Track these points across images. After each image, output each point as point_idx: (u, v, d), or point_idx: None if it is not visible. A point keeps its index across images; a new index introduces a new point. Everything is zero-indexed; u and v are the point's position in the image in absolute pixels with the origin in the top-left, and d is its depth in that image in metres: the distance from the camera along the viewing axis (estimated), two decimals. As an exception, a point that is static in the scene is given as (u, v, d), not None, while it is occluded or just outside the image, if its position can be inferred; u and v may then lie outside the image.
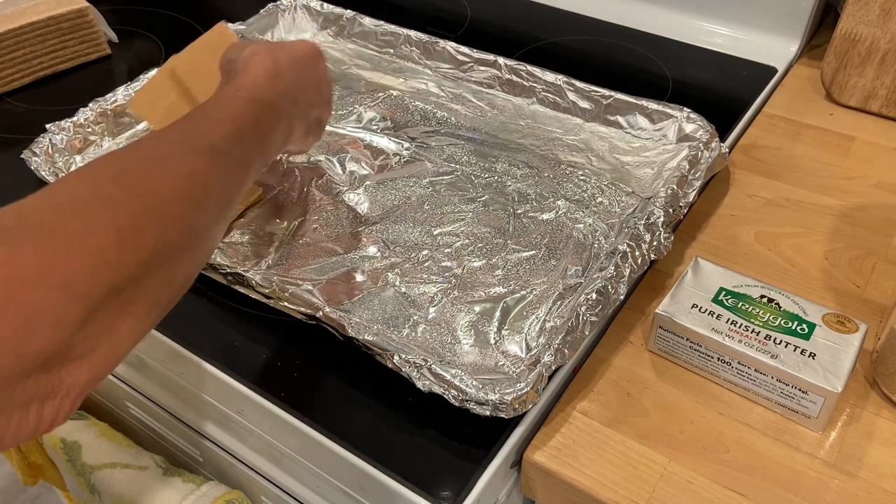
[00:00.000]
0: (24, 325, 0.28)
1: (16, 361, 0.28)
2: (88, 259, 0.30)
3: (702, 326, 0.47)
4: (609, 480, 0.43)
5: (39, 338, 0.29)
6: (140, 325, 0.34)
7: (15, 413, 0.29)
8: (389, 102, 0.71)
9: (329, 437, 0.45)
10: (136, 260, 0.32)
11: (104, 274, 0.31)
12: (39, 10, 0.77)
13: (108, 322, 0.31)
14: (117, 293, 0.31)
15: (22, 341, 0.28)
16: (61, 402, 0.31)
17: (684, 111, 0.64)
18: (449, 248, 0.56)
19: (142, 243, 0.32)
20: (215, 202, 0.38)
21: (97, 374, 0.32)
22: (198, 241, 0.37)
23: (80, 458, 0.57)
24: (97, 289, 0.30)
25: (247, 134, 0.42)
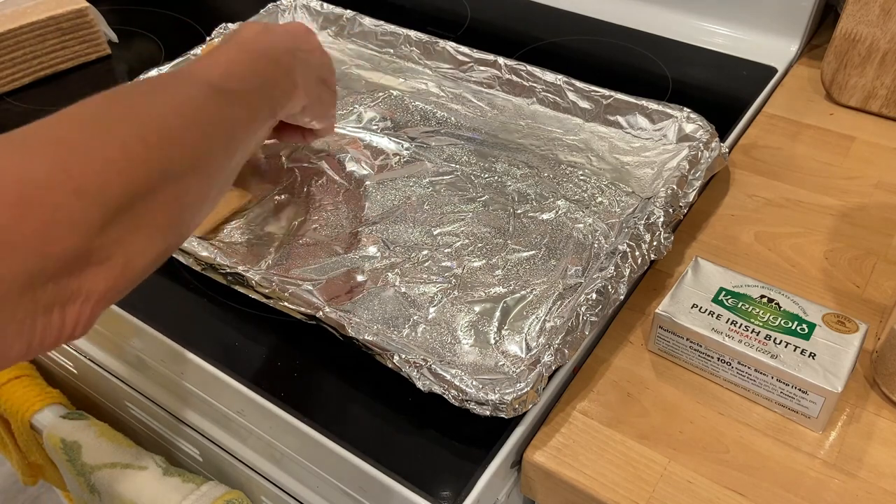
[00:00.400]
0: (45, 226, 0.29)
1: (39, 261, 0.29)
2: (100, 167, 0.32)
3: (702, 326, 0.47)
4: (609, 480, 0.43)
5: (60, 239, 0.30)
6: (155, 242, 0.35)
7: (39, 316, 0.30)
8: (389, 102, 0.71)
9: (329, 437, 0.45)
10: (144, 173, 0.33)
11: (116, 183, 0.32)
12: (39, 10, 0.77)
13: (124, 232, 0.32)
14: (130, 205, 0.32)
15: (44, 241, 0.29)
16: (81, 308, 0.32)
17: (684, 111, 0.64)
18: (449, 248, 0.56)
19: (149, 157, 0.34)
20: (218, 132, 0.39)
21: (114, 284, 0.33)
22: (205, 167, 0.38)
23: (80, 458, 0.57)
24: (111, 197, 0.32)
25: (244, 75, 0.44)
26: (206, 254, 0.53)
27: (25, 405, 0.64)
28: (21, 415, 0.64)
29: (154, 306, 0.54)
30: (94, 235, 0.31)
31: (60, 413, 0.63)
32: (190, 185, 0.37)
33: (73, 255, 0.30)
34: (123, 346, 0.57)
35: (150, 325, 0.52)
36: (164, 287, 0.55)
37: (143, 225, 0.34)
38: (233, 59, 0.44)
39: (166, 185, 0.35)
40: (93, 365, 0.62)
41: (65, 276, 0.30)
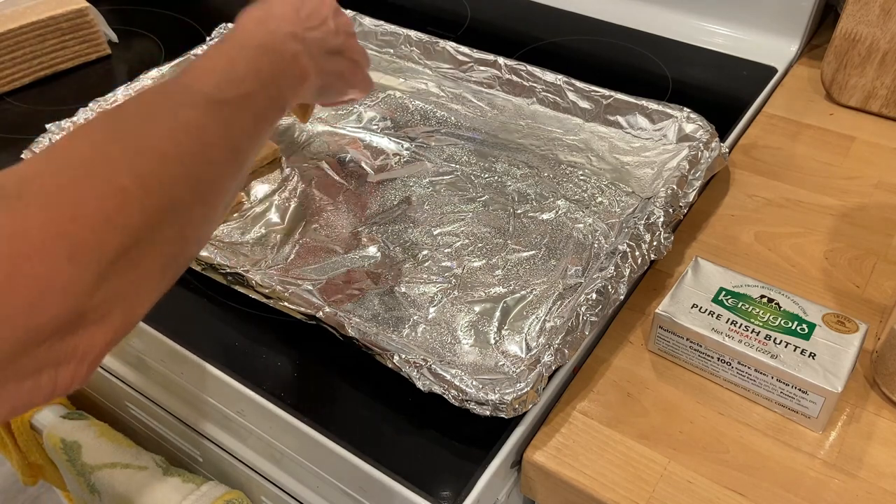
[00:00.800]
0: (33, 299, 0.27)
1: (25, 334, 0.27)
2: (96, 223, 0.29)
3: (702, 326, 0.47)
4: (609, 480, 0.43)
5: (49, 309, 0.28)
6: (155, 285, 0.33)
7: (28, 380, 0.28)
8: (389, 102, 0.71)
9: (329, 437, 0.45)
10: (143, 220, 0.31)
11: (112, 237, 0.30)
12: (39, 10, 0.77)
13: (122, 285, 0.31)
14: (126, 254, 0.30)
15: (31, 314, 0.27)
16: (77, 368, 0.30)
17: (684, 111, 0.64)
18: (449, 248, 0.56)
19: (148, 202, 0.31)
20: (221, 154, 0.37)
21: (114, 338, 0.31)
22: (207, 195, 0.36)
23: (80, 458, 0.57)
24: (106, 253, 0.30)
25: (244, 77, 0.40)
26: (206, 254, 0.53)
27: (25, 405, 0.64)
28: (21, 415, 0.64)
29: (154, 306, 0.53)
30: (88, 297, 0.29)
31: (60, 413, 0.63)
32: (194, 216, 0.34)
33: (64, 321, 0.29)
34: (123, 346, 0.57)
35: (150, 325, 0.52)
36: (164, 287, 0.55)
37: (143, 272, 0.32)
38: (230, 61, 0.41)
39: (167, 225, 0.32)
40: (93, 365, 0.62)
41: (56, 340, 0.29)
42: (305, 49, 0.46)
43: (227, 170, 0.37)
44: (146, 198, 0.31)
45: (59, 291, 0.28)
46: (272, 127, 0.43)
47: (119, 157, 0.32)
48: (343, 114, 0.70)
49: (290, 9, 0.47)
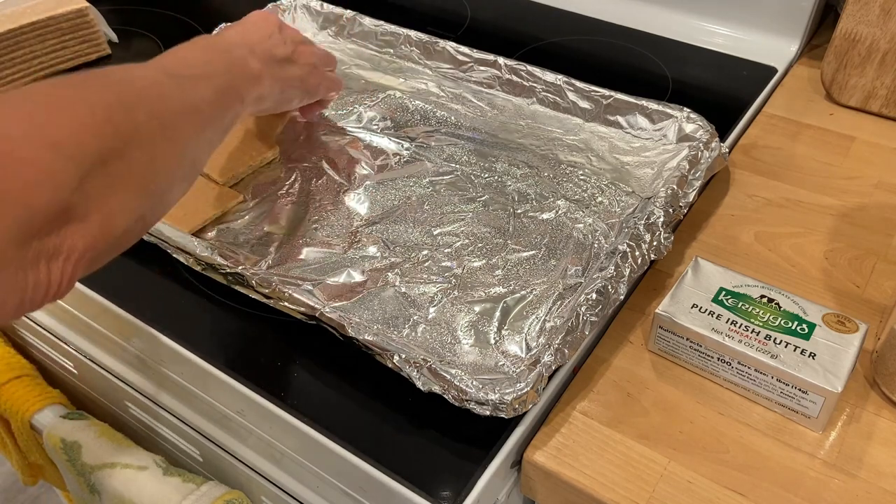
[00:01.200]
0: (27, 181, 0.31)
1: (26, 215, 0.31)
2: (71, 125, 0.34)
3: (702, 326, 0.47)
4: (609, 480, 0.43)
5: (42, 193, 0.31)
6: (130, 202, 0.37)
7: (29, 271, 0.32)
8: (389, 102, 0.71)
9: (329, 437, 0.45)
10: (113, 134, 0.35)
11: (87, 140, 0.34)
12: (39, 10, 0.77)
13: (100, 189, 0.34)
14: (103, 163, 0.34)
15: (27, 195, 0.31)
16: (64, 265, 0.33)
17: (684, 111, 0.64)
18: (449, 248, 0.56)
19: (115, 120, 0.36)
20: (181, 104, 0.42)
21: (93, 243, 0.34)
22: (172, 134, 0.40)
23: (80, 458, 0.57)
24: (84, 154, 0.33)
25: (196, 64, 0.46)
26: (206, 254, 0.53)
27: (25, 405, 0.64)
28: (21, 415, 0.64)
29: (154, 306, 0.54)
30: (72, 190, 0.33)
31: (60, 413, 0.63)
32: (159, 150, 0.39)
33: (55, 210, 0.32)
34: (123, 346, 0.57)
35: (150, 325, 0.52)
36: (164, 287, 0.55)
37: (118, 184, 0.35)
38: (185, 53, 0.47)
39: (136, 147, 0.37)
40: (93, 365, 0.62)
41: (48, 232, 0.32)
42: (255, 56, 0.52)
43: (186, 123, 0.42)
44: (113, 115, 0.36)
45: (48, 178, 0.32)
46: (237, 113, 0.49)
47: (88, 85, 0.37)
48: (343, 114, 0.70)
49: (236, 32, 0.54)
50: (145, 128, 0.38)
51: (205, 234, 0.58)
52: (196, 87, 0.44)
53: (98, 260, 0.36)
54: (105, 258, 0.37)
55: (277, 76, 0.54)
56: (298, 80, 0.58)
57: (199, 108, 0.43)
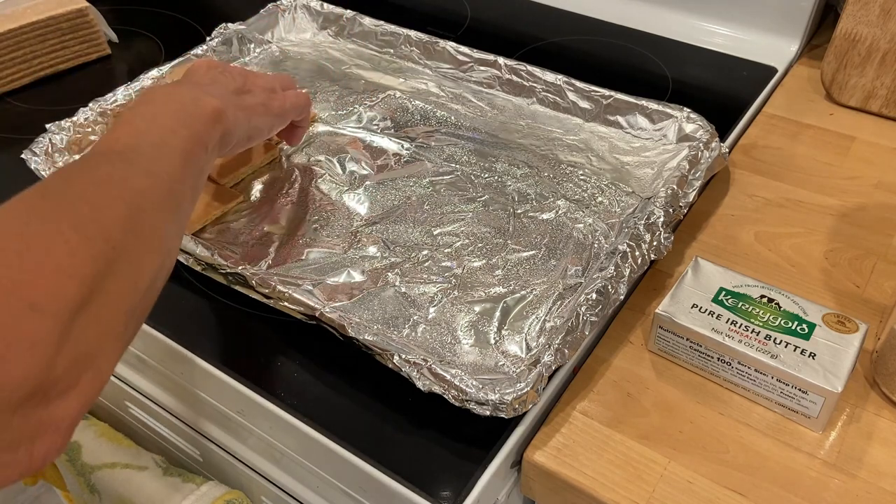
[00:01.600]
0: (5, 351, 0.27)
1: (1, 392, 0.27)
2: (50, 273, 0.30)
3: (702, 326, 0.47)
4: (609, 480, 0.43)
5: (19, 364, 0.28)
6: (118, 340, 0.34)
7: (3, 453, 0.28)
8: (389, 102, 0.71)
9: (329, 437, 0.45)
10: (93, 268, 0.32)
11: (68, 286, 0.30)
12: (39, 10, 0.77)
13: (87, 343, 0.31)
14: (86, 307, 0.31)
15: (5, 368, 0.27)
16: (52, 439, 0.30)
17: (684, 111, 0.64)
18: (449, 248, 0.56)
19: (93, 250, 0.32)
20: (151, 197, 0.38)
21: (86, 402, 0.31)
22: (151, 240, 0.37)
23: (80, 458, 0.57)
24: (66, 303, 0.30)
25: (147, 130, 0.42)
26: (206, 254, 0.53)
27: (25, 405, 0.64)
28: None
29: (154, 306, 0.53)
30: (56, 353, 0.29)
31: (60, 413, 0.63)
32: (143, 264, 0.36)
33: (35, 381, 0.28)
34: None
35: (150, 325, 0.52)
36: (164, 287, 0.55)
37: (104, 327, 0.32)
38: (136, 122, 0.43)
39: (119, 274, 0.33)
40: (93, 365, 0.62)
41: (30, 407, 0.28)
42: (209, 94, 0.47)
43: (162, 213, 0.38)
44: (90, 245, 0.32)
45: (27, 344, 0.28)
46: (202, 167, 0.45)
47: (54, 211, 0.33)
48: (343, 114, 0.70)
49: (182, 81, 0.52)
50: (124, 245, 0.34)
51: (205, 234, 0.58)
52: (160, 163, 0.40)
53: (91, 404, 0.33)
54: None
55: (238, 106, 0.50)
56: (261, 105, 0.53)
57: (172, 190, 0.40)
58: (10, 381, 0.27)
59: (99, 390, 0.33)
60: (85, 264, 0.32)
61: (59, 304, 0.30)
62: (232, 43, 0.78)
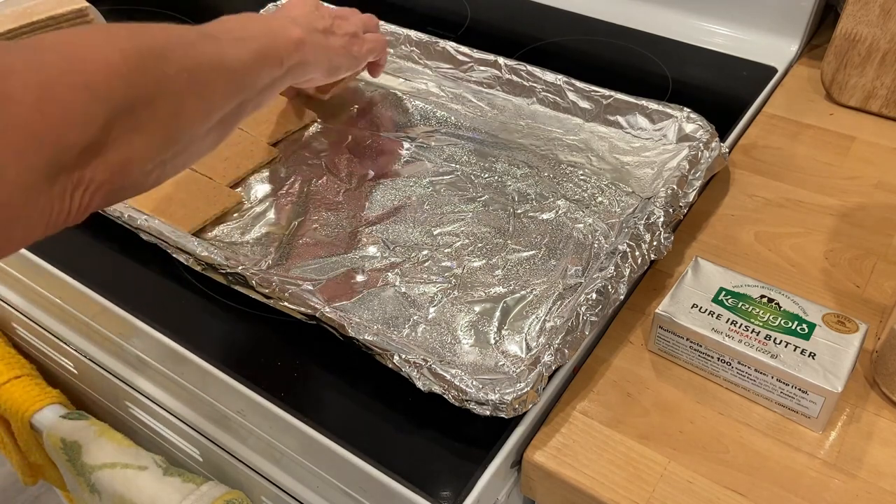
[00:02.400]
0: (62, 120, 0.33)
1: (59, 152, 0.33)
2: (103, 68, 0.35)
3: (702, 326, 0.47)
4: (609, 480, 0.43)
5: (74, 132, 0.33)
6: (151, 147, 0.38)
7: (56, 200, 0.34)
8: (389, 102, 0.71)
9: (329, 437, 0.45)
10: (142, 80, 0.37)
11: (117, 84, 0.35)
12: (39, 10, 0.77)
13: (125, 132, 0.36)
14: (131, 108, 0.36)
15: (62, 133, 0.33)
16: (84, 195, 0.35)
17: (684, 111, 0.64)
18: (449, 248, 0.56)
19: (145, 66, 0.37)
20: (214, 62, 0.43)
21: (111, 178, 0.36)
22: (202, 90, 0.41)
23: (80, 458, 0.57)
24: (114, 97, 0.35)
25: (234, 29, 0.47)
26: (206, 254, 0.53)
27: (25, 405, 0.64)
28: (21, 415, 0.64)
29: (154, 306, 0.54)
30: (99, 129, 0.35)
31: (60, 413, 0.63)
32: (186, 103, 0.40)
33: (82, 147, 0.34)
34: (123, 346, 0.57)
35: (150, 325, 0.52)
36: (164, 287, 0.55)
37: (142, 128, 0.37)
38: (225, 20, 0.48)
39: (163, 97, 0.38)
40: (93, 365, 0.62)
41: (74, 167, 0.34)
42: (296, 24, 0.53)
43: (219, 81, 0.43)
44: (143, 63, 0.37)
45: (80, 118, 0.34)
46: (275, 80, 0.50)
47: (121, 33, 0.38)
48: (343, 114, 0.70)
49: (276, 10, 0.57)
50: (174, 80, 0.39)
51: (205, 234, 0.58)
52: (232, 48, 0.45)
53: (116, 195, 0.38)
54: (123, 195, 0.39)
55: (320, 44, 0.56)
56: (342, 48, 0.59)
57: (233, 68, 0.44)
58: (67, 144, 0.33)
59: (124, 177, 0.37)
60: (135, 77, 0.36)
61: (108, 93, 0.35)
62: (232, 43, 0.78)
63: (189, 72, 0.40)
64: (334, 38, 0.58)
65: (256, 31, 0.48)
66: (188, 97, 0.40)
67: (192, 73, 0.40)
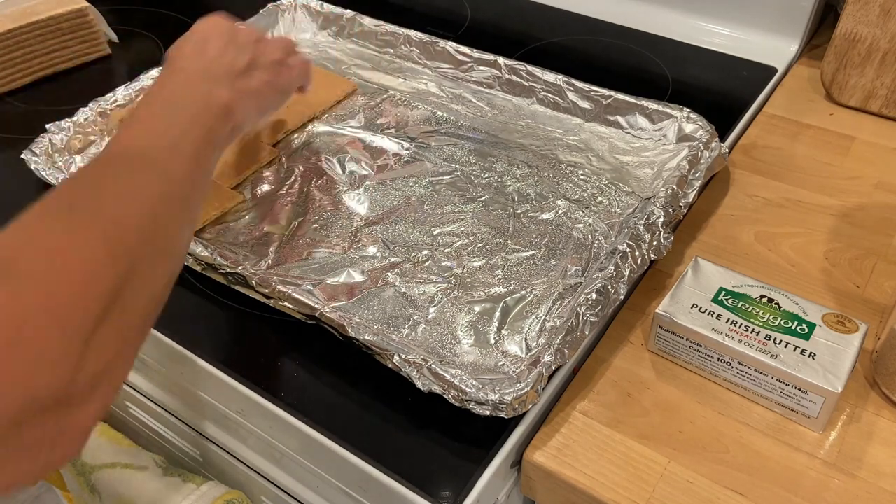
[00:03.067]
0: (31, 365, 0.29)
1: (25, 402, 0.28)
2: (77, 291, 0.31)
3: (702, 326, 0.47)
4: (609, 480, 0.43)
5: (43, 378, 0.29)
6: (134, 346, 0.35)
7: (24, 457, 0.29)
8: (389, 102, 0.71)
9: (329, 437, 0.45)
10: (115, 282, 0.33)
11: (92, 304, 0.32)
12: (39, 10, 0.77)
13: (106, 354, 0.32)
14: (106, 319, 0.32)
15: (30, 381, 0.29)
16: (70, 444, 0.31)
17: (684, 111, 0.64)
18: (449, 248, 0.56)
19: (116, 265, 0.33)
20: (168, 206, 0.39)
21: (103, 408, 0.33)
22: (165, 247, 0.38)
23: (80, 458, 0.57)
24: (89, 320, 0.31)
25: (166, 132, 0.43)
26: (206, 254, 0.53)
27: (25, 405, 0.64)
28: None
29: (154, 306, 0.53)
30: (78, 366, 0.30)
31: (60, 413, 0.63)
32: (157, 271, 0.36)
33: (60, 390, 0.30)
34: (123, 346, 0.56)
35: (150, 325, 0.52)
36: (164, 287, 0.55)
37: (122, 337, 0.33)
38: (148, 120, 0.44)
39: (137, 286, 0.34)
40: (93, 365, 0.62)
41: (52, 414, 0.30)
42: (217, 81, 0.48)
43: (177, 218, 0.40)
44: (115, 261, 0.33)
45: (53, 359, 0.29)
46: (212, 165, 0.46)
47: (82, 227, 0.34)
48: (343, 114, 0.70)
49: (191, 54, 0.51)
50: (143, 257, 0.35)
51: (205, 234, 0.58)
52: (175, 165, 0.41)
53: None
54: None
55: (246, 90, 0.50)
56: (268, 84, 0.53)
57: (185, 194, 0.41)
58: (35, 394, 0.29)
59: (115, 396, 0.34)
60: (108, 279, 0.32)
61: (84, 321, 0.31)
62: (232, 43, 0.78)
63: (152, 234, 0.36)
64: (258, 75, 0.52)
65: (184, 121, 0.44)
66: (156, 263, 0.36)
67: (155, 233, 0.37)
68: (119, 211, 0.36)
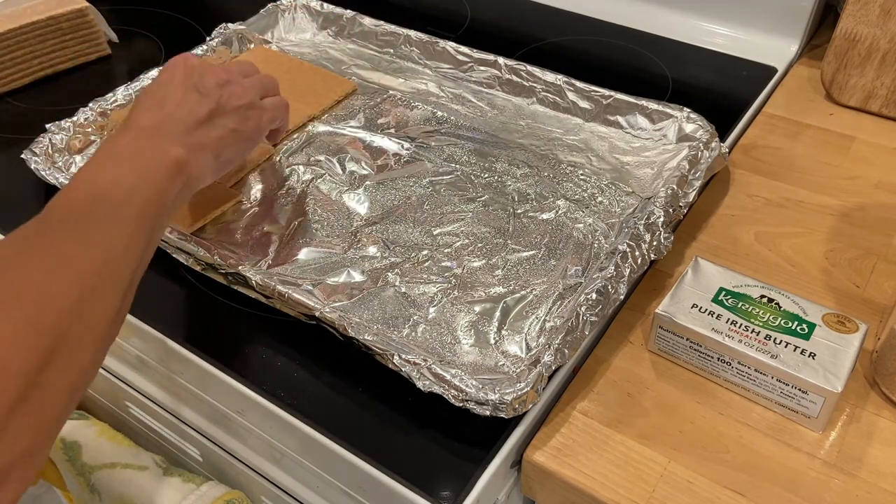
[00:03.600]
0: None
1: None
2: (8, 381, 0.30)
3: (702, 326, 0.47)
4: (609, 480, 0.43)
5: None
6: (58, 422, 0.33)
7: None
8: (389, 102, 0.71)
9: (329, 437, 0.45)
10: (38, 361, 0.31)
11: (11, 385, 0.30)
12: (39, 10, 0.77)
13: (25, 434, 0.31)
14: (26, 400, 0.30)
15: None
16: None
17: (684, 111, 0.64)
18: (449, 248, 0.56)
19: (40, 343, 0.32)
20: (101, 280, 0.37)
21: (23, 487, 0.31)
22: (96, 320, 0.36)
23: (80, 458, 0.57)
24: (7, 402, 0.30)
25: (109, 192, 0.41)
26: (206, 254, 0.53)
27: (25, 405, 0.64)
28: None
29: (154, 306, 0.53)
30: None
31: (60, 413, 0.63)
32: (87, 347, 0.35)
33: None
34: (123, 346, 0.57)
35: (150, 325, 0.52)
36: (164, 287, 0.55)
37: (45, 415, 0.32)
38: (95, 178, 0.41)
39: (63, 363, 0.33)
40: (93, 365, 0.62)
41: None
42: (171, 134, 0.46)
43: (112, 292, 0.37)
44: (38, 339, 0.31)
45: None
46: (162, 222, 0.43)
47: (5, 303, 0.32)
48: (343, 114, 0.70)
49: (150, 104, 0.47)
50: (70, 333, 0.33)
51: (205, 234, 0.58)
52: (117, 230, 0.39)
53: None
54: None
55: (204, 143, 0.48)
56: (232, 133, 0.50)
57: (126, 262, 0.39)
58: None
59: (38, 471, 0.32)
60: (31, 359, 0.31)
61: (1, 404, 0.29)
62: (232, 43, 0.78)
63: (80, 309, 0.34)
64: (221, 123, 0.49)
65: (132, 178, 0.41)
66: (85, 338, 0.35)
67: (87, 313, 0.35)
68: (50, 289, 0.34)
